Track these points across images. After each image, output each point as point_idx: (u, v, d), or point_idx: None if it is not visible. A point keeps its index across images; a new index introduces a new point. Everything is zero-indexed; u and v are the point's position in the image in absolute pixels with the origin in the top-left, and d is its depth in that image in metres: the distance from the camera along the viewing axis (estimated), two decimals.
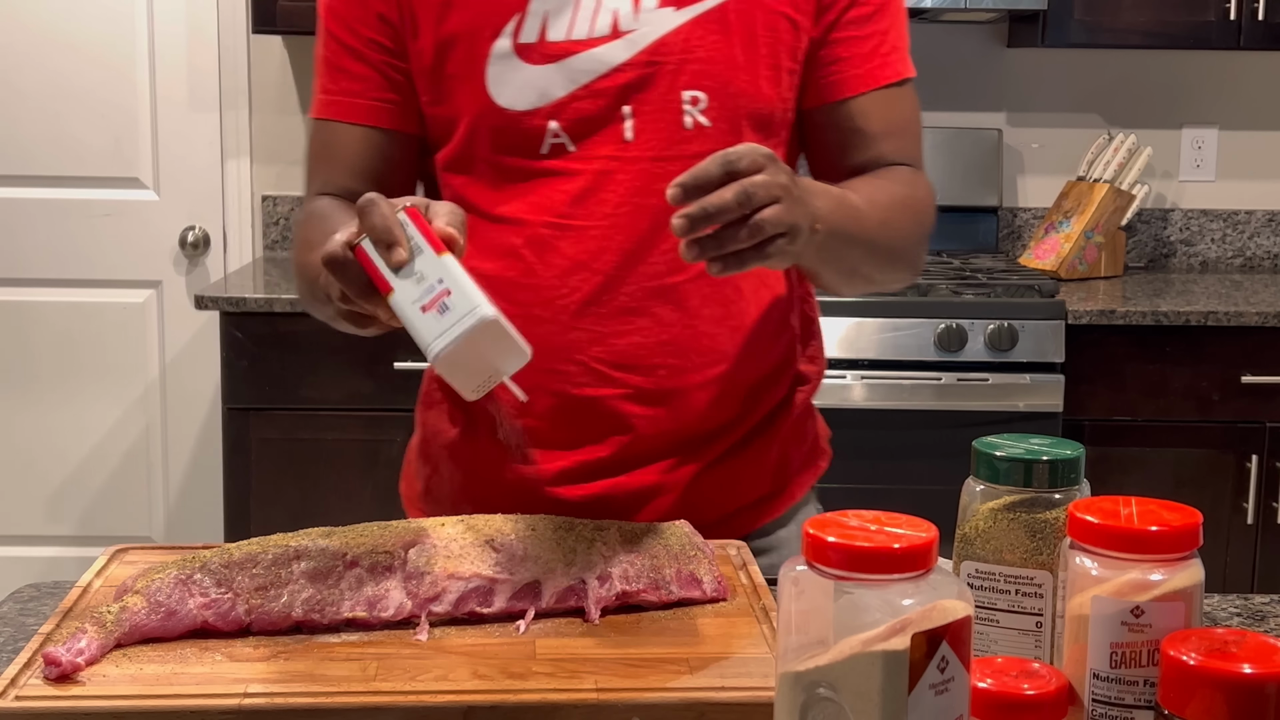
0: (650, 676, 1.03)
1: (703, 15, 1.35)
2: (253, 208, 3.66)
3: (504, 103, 1.35)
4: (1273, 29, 3.27)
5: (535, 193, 1.36)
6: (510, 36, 1.34)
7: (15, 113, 3.55)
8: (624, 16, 1.34)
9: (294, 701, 0.98)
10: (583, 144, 1.35)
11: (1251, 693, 0.73)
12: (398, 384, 3.11)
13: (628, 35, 1.34)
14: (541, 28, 1.34)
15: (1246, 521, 3.11)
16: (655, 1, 1.35)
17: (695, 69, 1.34)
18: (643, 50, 1.34)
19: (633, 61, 1.34)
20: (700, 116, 1.35)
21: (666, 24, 1.34)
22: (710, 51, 1.34)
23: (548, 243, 1.35)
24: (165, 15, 3.55)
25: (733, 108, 1.35)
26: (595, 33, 1.34)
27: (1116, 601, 0.83)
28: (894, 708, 0.74)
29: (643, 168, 1.34)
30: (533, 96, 1.34)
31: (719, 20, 1.35)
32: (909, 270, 1.47)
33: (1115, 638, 0.83)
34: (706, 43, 1.34)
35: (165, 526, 3.69)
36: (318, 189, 1.45)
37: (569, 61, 1.34)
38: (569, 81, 1.34)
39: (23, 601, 1.26)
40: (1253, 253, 3.71)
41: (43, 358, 3.63)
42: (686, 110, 1.34)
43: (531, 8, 1.34)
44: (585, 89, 1.34)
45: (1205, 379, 3.09)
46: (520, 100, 1.34)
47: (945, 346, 2.99)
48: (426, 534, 1.14)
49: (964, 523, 0.98)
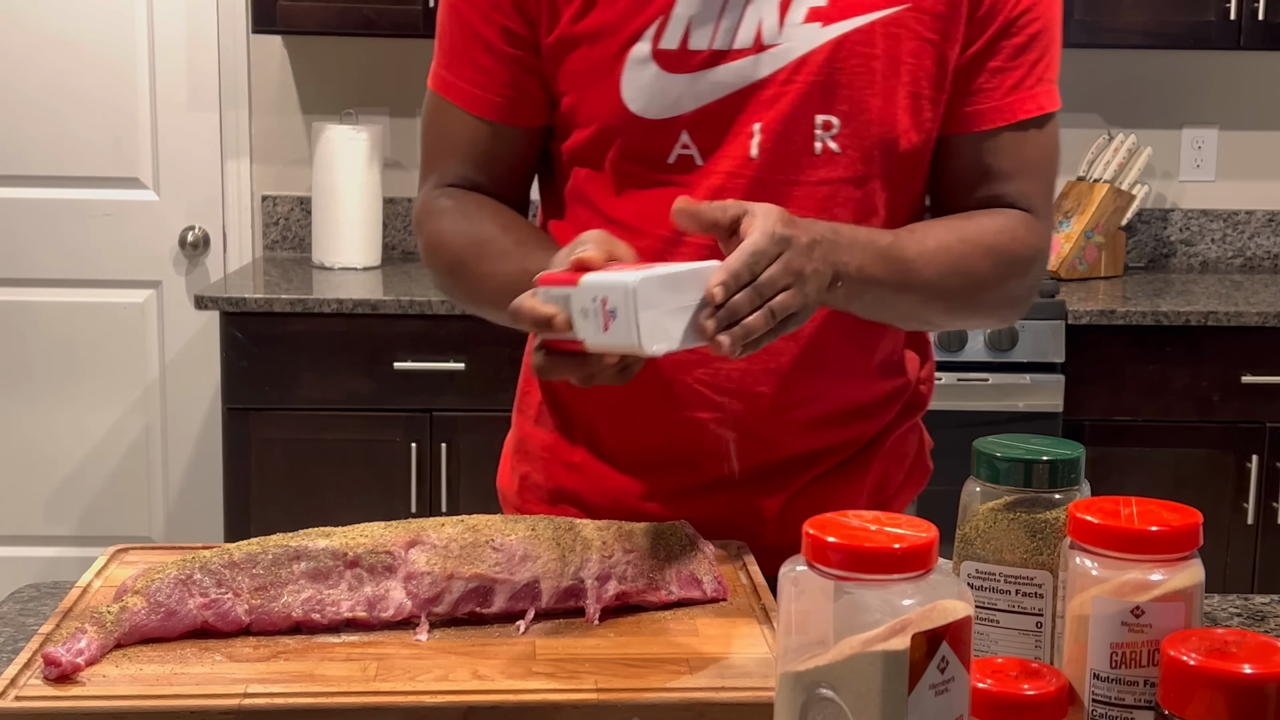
0: (650, 676, 1.03)
1: (849, 35, 1.29)
2: (253, 208, 3.66)
3: (636, 109, 1.31)
4: (1273, 29, 3.27)
5: (655, 201, 1.32)
6: (651, 41, 1.30)
7: (15, 113, 3.55)
8: (768, 29, 1.29)
9: (294, 702, 0.98)
10: (710, 158, 1.31)
11: (1251, 693, 0.73)
12: (398, 384, 3.11)
13: (770, 50, 1.29)
14: (684, 35, 1.29)
15: (1246, 521, 3.11)
16: (802, 15, 1.29)
17: (833, 93, 1.29)
18: (783, 68, 1.29)
19: (771, 78, 1.29)
20: (831, 142, 1.30)
21: (811, 41, 1.29)
22: (851, 76, 1.29)
23: (663, 256, 1.31)
24: (165, 15, 3.55)
25: (865, 136, 1.31)
26: (737, 44, 1.29)
27: (1116, 601, 0.83)
28: (894, 708, 0.74)
29: (765, 190, 1.29)
30: (666, 105, 1.30)
31: (865, 42, 1.29)
32: (993, 316, 1.43)
33: (1115, 638, 0.83)
34: (848, 65, 1.29)
35: (165, 526, 3.69)
36: (438, 179, 1.43)
37: (707, 73, 1.29)
38: (705, 94, 1.30)
39: (23, 601, 1.26)
40: (1253, 253, 3.71)
41: (43, 358, 3.63)
42: (818, 135, 1.30)
43: (676, 12, 1.29)
44: (719, 102, 1.30)
45: (1205, 379, 3.09)
46: (653, 108, 1.30)
47: (945, 346, 2.99)
48: (426, 534, 1.14)
49: (964, 523, 0.98)
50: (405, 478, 3.13)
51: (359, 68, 3.60)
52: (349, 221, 3.41)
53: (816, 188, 1.30)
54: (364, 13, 3.26)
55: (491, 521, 1.17)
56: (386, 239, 3.59)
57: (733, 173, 1.31)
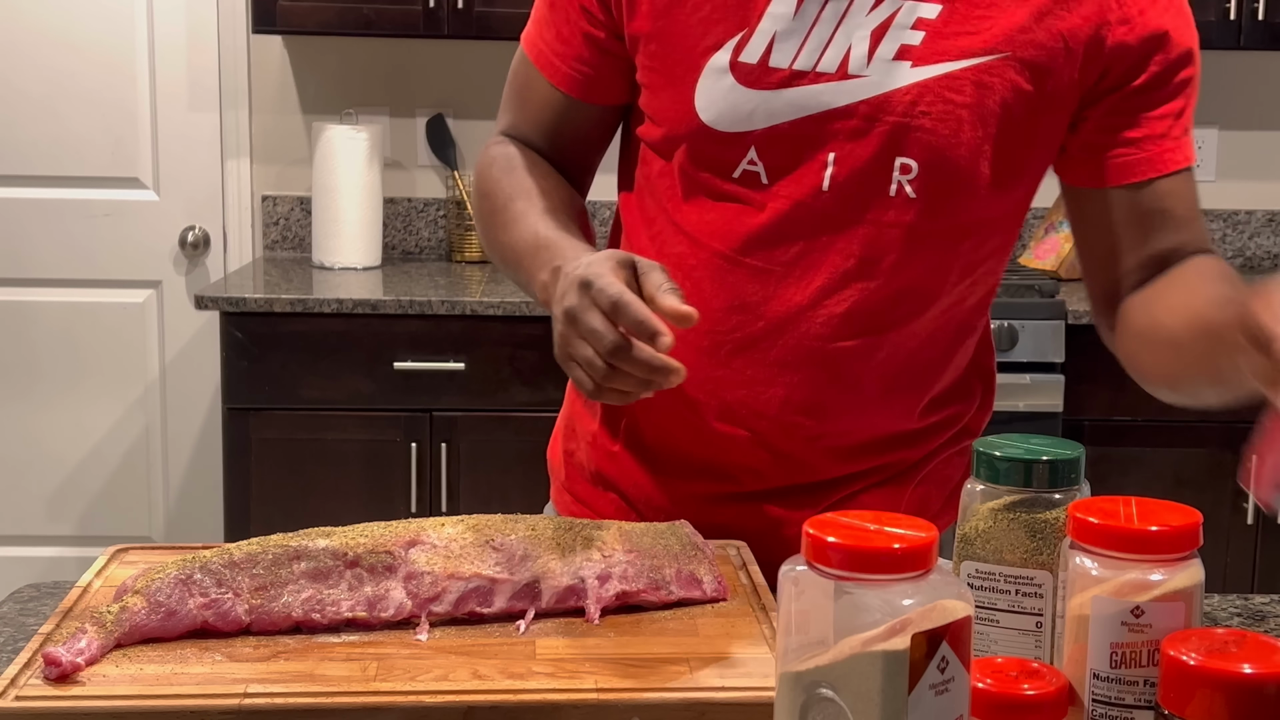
0: (650, 676, 1.03)
1: (938, 79, 1.24)
2: (253, 208, 3.66)
3: (708, 119, 1.28)
4: (1273, 29, 3.27)
5: (719, 214, 1.30)
6: (731, 52, 1.26)
7: (15, 113, 3.55)
8: (855, 59, 1.25)
9: (294, 701, 0.98)
10: (777, 180, 1.28)
11: (1251, 693, 0.73)
12: (398, 384, 3.11)
13: (855, 80, 1.25)
14: (766, 50, 1.26)
15: (1246, 521, 3.11)
16: (893, 51, 1.24)
17: (916, 136, 1.24)
18: (865, 101, 1.25)
19: (851, 109, 1.25)
20: (907, 186, 1.26)
21: (898, 79, 1.24)
22: (936, 121, 1.24)
23: (719, 274, 1.30)
24: (165, 15, 3.55)
25: (943, 184, 1.26)
26: (821, 67, 1.25)
27: (1116, 602, 0.83)
28: (894, 708, 0.74)
29: (832, 224, 1.27)
30: (738, 119, 1.27)
31: (953, 89, 1.24)
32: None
33: (1115, 638, 0.83)
34: (935, 110, 1.24)
35: (165, 526, 3.69)
36: (505, 127, 1.44)
37: (784, 92, 1.26)
38: (778, 113, 1.26)
39: (23, 601, 1.26)
40: (1253, 253, 3.71)
41: (43, 358, 3.63)
42: (895, 178, 1.26)
43: (761, 26, 1.26)
44: (792, 124, 1.26)
45: None
46: (724, 120, 1.27)
47: None
48: (426, 534, 1.14)
49: (964, 523, 0.98)
50: (405, 478, 3.13)
51: (359, 68, 3.60)
52: (349, 221, 3.41)
53: (886, 229, 1.27)
54: (364, 13, 3.26)
55: (491, 521, 1.17)
56: (386, 239, 3.59)
57: (802, 202, 1.27)
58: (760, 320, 1.31)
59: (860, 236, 1.28)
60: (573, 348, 1.13)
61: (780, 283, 1.30)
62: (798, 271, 1.29)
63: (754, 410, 1.33)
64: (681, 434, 1.37)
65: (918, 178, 1.26)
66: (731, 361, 1.32)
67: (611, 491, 1.44)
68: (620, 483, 1.43)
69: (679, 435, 1.38)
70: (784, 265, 1.29)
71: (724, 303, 1.31)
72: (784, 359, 1.31)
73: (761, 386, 1.32)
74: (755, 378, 1.32)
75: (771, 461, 1.35)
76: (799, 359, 1.31)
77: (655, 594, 1.16)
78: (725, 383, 1.33)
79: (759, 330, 1.31)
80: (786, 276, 1.29)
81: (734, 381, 1.33)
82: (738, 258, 1.30)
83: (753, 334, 1.31)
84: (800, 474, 1.36)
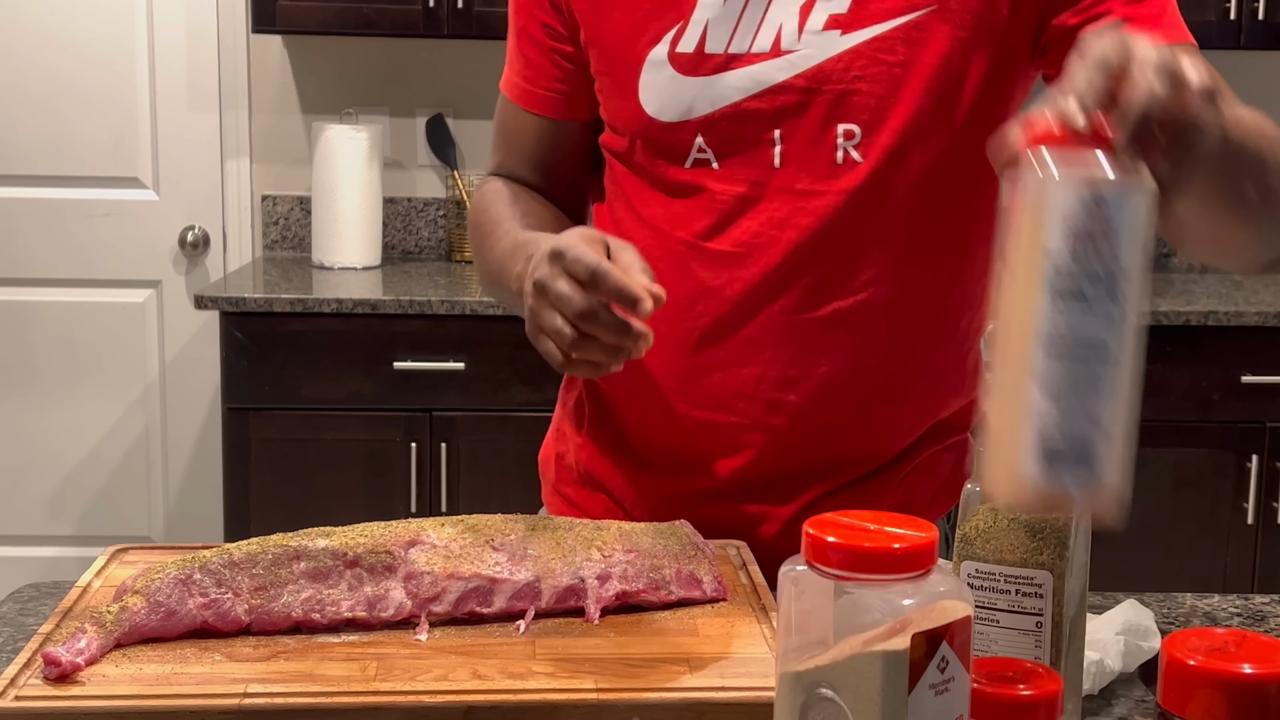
0: (650, 676, 1.03)
1: (869, 43, 1.26)
2: (252, 208, 3.66)
3: (652, 111, 1.31)
4: (1273, 29, 3.27)
5: (678, 205, 1.33)
6: (669, 44, 1.29)
7: (15, 113, 3.55)
8: (787, 35, 1.27)
9: (294, 701, 0.98)
10: (727, 163, 1.30)
11: (1251, 693, 0.73)
12: (398, 384, 3.11)
13: (788, 55, 1.27)
14: (701, 38, 1.29)
15: (1246, 521, 3.11)
16: (821, 22, 1.27)
17: (853, 100, 1.26)
18: (801, 74, 1.27)
19: (789, 84, 1.27)
20: (853, 152, 1.28)
21: (830, 49, 1.26)
22: (872, 84, 1.26)
23: (682, 262, 1.32)
24: (165, 15, 3.55)
25: (889, 144, 1.27)
26: (755, 48, 1.28)
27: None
28: (894, 708, 0.74)
29: (786, 199, 1.29)
30: (680, 108, 1.30)
31: (886, 50, 1.26)
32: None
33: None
34: (870, 73, 1.26)
35: (165, 526, 3.69)
36: (493, 168, 1.48)
37: (722, 77, 1.28)
38: (720, 97, 1.28)
39: (23, 601, 1.26)
40: None
41: (43, 358, 3.63)
42: (840, 145, 1.28)
43: (695, 16, 1.29)
44: (734, 106, 1.28)
45: (1205, 379, 3.09)
46: (668, 111, 1.30)
47: None
48: (426, 534, 1.14)
49: (964, 523, 0.98)
50: (405, 478, 3.13)
51: (359, 68, 3.60)
52: (349, 221, 3.41)
53: (839, 196, 1.28)
54: (364, 13, 3.26)
55: (491, 521, 1.17)
56: (386, 239, 3.59)
57: (756, 181, 1.29)
58: (727, 303, 1.32)
59: (814, 208, 1.29)
60: (542, 318, 1.13)
61: (742, 263, 1.31)
62: (758, 249, 1.31)
63: (732, 391, 1.34)
64: (663, 427, 1.38)
65: (862, 142, 1.27)
66: (704, 348, 1.33)
67: (600, 492, 1.44)
68: (608, 483, 1.44)
69: (660, 428, 1.38)
70: (744, 245, 1.31)
71: (691, 289, 1.33)
72: (755, 336, 1.32)
73: (736, 367, 1.33)
74: (730, 359, 1.33)
75: (753, 449, 1.35)
76: (770, 335, 1.32)
77: (655, 594, 1.16)
78: (701, 369, 1.34)
79: (725, 313, 1.32)
80: (748, 256, 1.31)
81: (709, 366, 1.34)
82: (699, 243, 1.32)
83: (721, 317, 1.33)
84: (782, 461, 1.36)
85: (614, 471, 1.43)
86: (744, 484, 1.37)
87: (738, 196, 1.30)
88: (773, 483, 1.37)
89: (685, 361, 1.34)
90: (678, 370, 1.34)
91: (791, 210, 1.29)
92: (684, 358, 1.34)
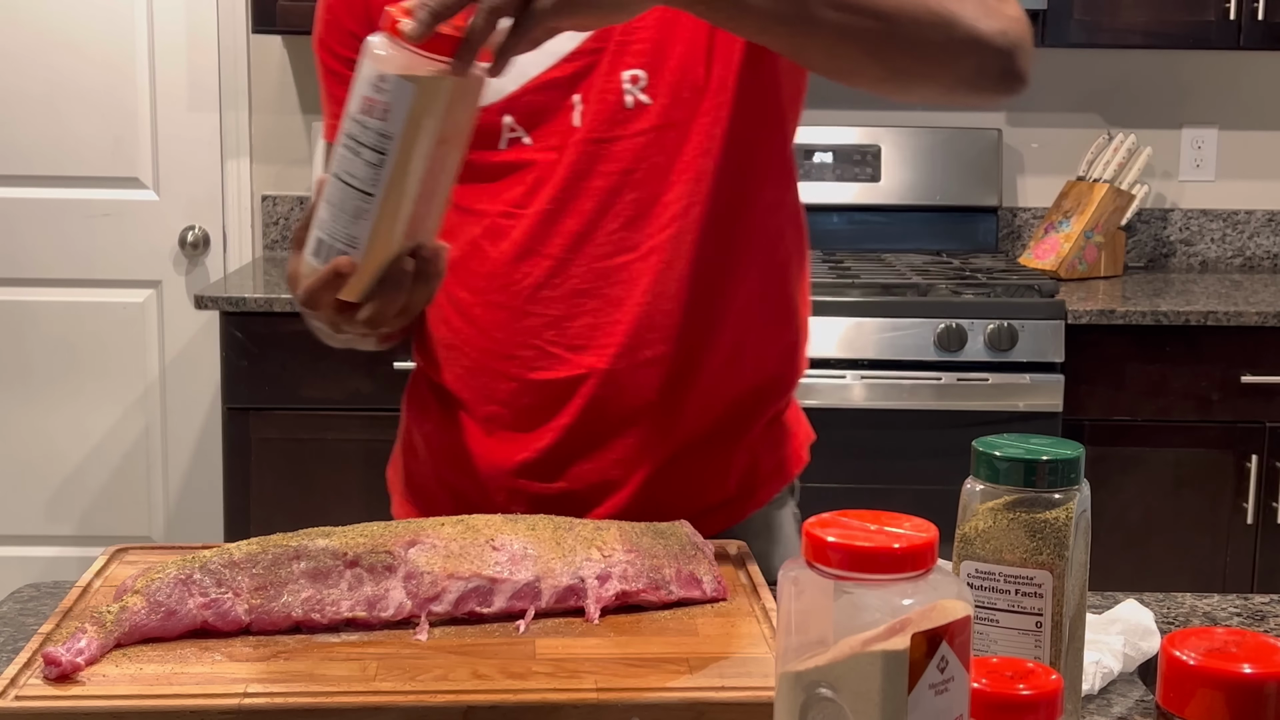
0: (650, 676, 1.03)
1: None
2: (253, 208, 3.66)
3: None
4: (1273, 29, 3.27)
5: (496, 184, 1.40)
6: None
7: (15, 113, 3.55)
8: None
9: (294, 701, 0.98)
10: (536, 134, 1.38)
11: (1251, 693, 0.73)
12: (398, 384, 3.10)
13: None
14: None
15: (1246, 521, 3.11)
16: None
17: (635, 48, 1.36)
18: (587, 39, 1.36)
19: (578, 50, 1.36)
20: (641, 95, 1.36)
21: None
22: (650, 31, 1.36)
23: (502, 231, 1.39)
24: (165, 15, 3.55)
25: (673, 83, 1.36)
26: None
27: None
28: (894, 708, 0.74)
29: (584, 149, 1.36)
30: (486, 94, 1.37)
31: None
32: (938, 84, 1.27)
33: None
34: (646, 23, 1.35)
35: (165, 526, 3.69)
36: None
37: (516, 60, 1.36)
38: (519, 76, 1.36)
39: (23, 601, 1.26)
40: (1252, 253, 3.71)
41: (43, 358, 3.63)
42: (627, 90, 1.36)
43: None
44: (534, 81, 1.36)
45: (1205, 379, 3.09)
46: None
47: (945, 346, 2.99)
48: (426, 534, 1.14)
49: (964, 523, 0.98)
50: None
51: None
52: None
53: (634, 139, 1.36)
54: None
55: (491, 521, 1.17)
56: None
57: (559, 145, 1.36)
58: (547, 259, 1.38)
59: (616, 154, 1.37)
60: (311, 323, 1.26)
61: (555, 219, 1.37)
62: (568, 204, 1.37)
63: (567, 345, 1.39)
64: (508, 395, 1.41)
65: (649, 84, 1.36)
66: (532, 307, 1.39)
67: (444, 488, 1.48)
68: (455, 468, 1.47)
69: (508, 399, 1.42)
70: (554, 201, 1.37)
71: (510, 255, 1.39)
72: (579, 287, 1.38)
73: (567, 321, 1.38)
74: (559, 314, 1.38)
75: (597, 400, 1.39)
76: (592, 282, 1.38)
77: (655, 594, 1.16)
78: (533, 329, 1.39)
79: (548, 269, 1.38)
80: (559, 211, 1.37)
81: (540, 324, 1.39)
82: (515, 211, 1.38)
83: (544, 273, 1.38)
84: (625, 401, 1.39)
85: (460, 454, 1.46)
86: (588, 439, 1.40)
87: (549, 162, 1.37)
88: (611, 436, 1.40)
89: (518, 324, 1.40)
90: (513, 334, 1.40)
91: (591, 160, 1.36)
92: (516, 321, 1.40)
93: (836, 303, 3.00)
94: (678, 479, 1.42)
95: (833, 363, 3.01)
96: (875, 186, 3.57)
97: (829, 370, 3.00)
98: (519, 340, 1.39)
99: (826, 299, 3.01)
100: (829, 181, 3.54)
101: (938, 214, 3.61)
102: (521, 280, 1.39)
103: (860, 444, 3.00)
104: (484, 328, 1.40)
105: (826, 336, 3.00)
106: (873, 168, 3.56)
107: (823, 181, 3.52)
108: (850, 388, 3.01)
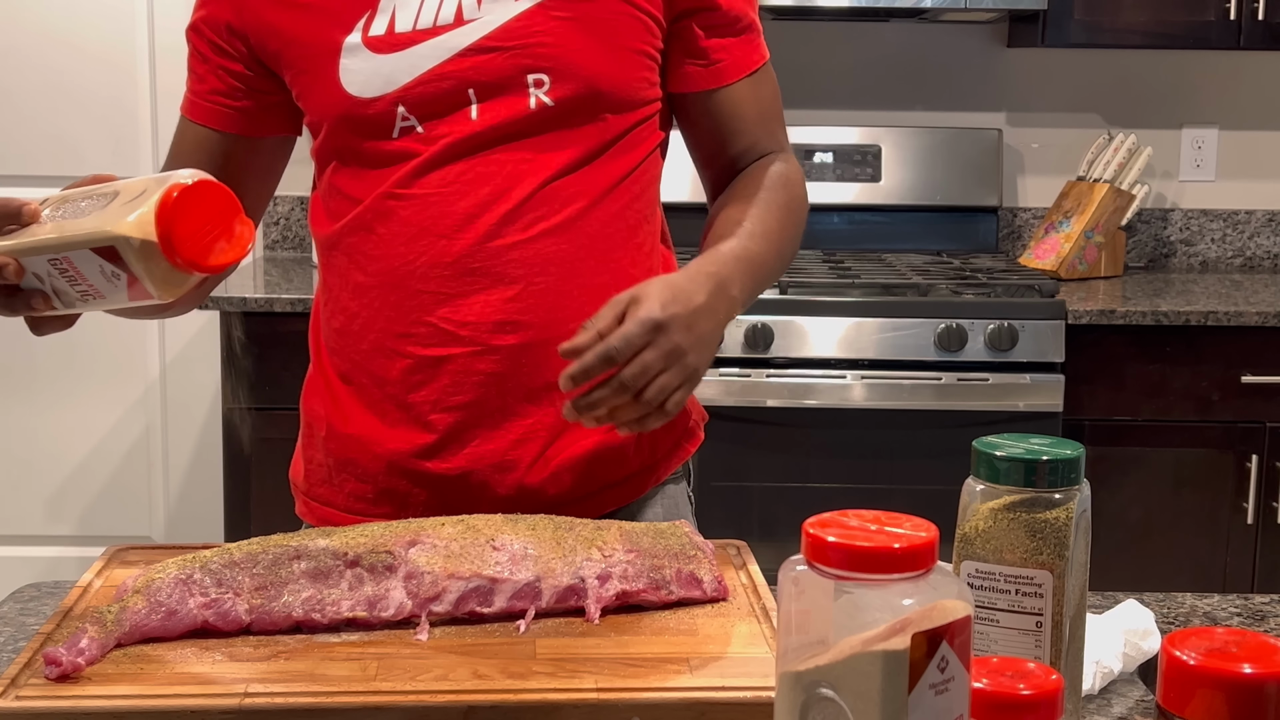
0: (650, 676, 1.03)
1: (544, 3, 1.40)
2: None
3: (354, 91, 1.41)
4: (1273, 29, 3.27)
5: (386, 170, 1.42)
6: (360, 31, 1.41)
7: (15, 113, 3.55)
8: (468, 6, 1.40)
9: (294, 701, 0.98)
10: (430, 125, 1.40)
11: (1251, 693, 0.73)
12: None
13: (471, 23, 1.39)
14: (390, 21, 1.40)
15: (1246, 521, 3.11)
16: None
17: (538, 51, 1.39)
18: (486, 36, 1.39)
19: (476, 46, 1.39)
20: (544, 97, 1.40)
21: (509, 12, 1.39)
22: (553, 36, 1.39)
23: (391, 212, 1.41)
24: (165, 15, 3.55)
25: (577, 88, 1.40)
26: (440, 22, 1.40)
27: None
28: (894, 708, 0.74)
29: (488, 149, 1.40)
30: (380, 84, 1.40)
31: (559, 8, 1.40)
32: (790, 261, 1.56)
33: None
34: (549, 27, 1.39)
35: (165, 526, 3.69)
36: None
37: (415, 49, 1.39)
38: (414, 67, 1.39)
39: (23, 601, 1.26)
40: (1253, 253, 3.71)
41: (43, 358, 3.63)
42: (530, 91, 1.40)
43: (381, 4, 1.41)
44: (430, 73, 1.39)
45: (1205, 379, 3.09)
46: (369, 88, 1.40)
47: (945, 346, 2.99)
48: (426, 534, 1.15)
49: (964, 523, 0.98)
50: None
51: None
52: None
53: (534, 139, 1.40)
54: None
55: (491, 521, 1.18)
56: None
57: (456, 141, 1.39)
58: (440, 239, 1.40)
59: (513, 154, 1.40)
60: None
61: (449, 200, 1.40)
62: (464, 187, 1.40)
63: (460, 322, 1.40)
64: (402, 374, 1.42)
65: (552, 87, 1.40)
66: (425, 285, 1.41)
67: (347, 476, 1.48)
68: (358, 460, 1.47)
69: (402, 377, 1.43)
70: (450, 185, 1.40)
71: (403, 235, 1.41)
72: (472, 267, 1.40)
73: (461, 299, 1.40)
74: (452, 292, 1.40)
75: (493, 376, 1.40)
76: (486, 262, 1.40)
77: (655, 594, 1.16)
78: (426, 306, 1.41)
79: (441, 248, 1.40)
80: (455, 194, 1.40)
81: (433, 302, 1.41)
82: (403, 193, 1.41)
83: (437, 253, 1.40)
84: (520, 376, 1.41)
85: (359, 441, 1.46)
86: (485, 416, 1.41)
87: (442, 148, 1.40)
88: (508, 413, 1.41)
89: (411, 303, 1.41)
90: (407, 313, 1.41)
91: (493, 153, 1.40)
92: (409, 300, 1.41)
93: (837, 303, 3.00)
94: (578, 457, 1.43)
95: (833, 363, 3.01)
96: (875, 186, 3.57)
97: (829, 370, 3.00)
98: (412, 318, 1.41)
99: (827, 299, 3.01)
100: (829, 181, 3.54)
101: (938, 214, 3.61)
102: (415, 259, 1.40)
103: (860, 444, 3.00)
104: (379, 308, 1.42)
105: (826, 336, 3.00)
106: (873, 168, 3.56)
107: (823, 181, 3.52)
108: (850, 388, 3.01)
